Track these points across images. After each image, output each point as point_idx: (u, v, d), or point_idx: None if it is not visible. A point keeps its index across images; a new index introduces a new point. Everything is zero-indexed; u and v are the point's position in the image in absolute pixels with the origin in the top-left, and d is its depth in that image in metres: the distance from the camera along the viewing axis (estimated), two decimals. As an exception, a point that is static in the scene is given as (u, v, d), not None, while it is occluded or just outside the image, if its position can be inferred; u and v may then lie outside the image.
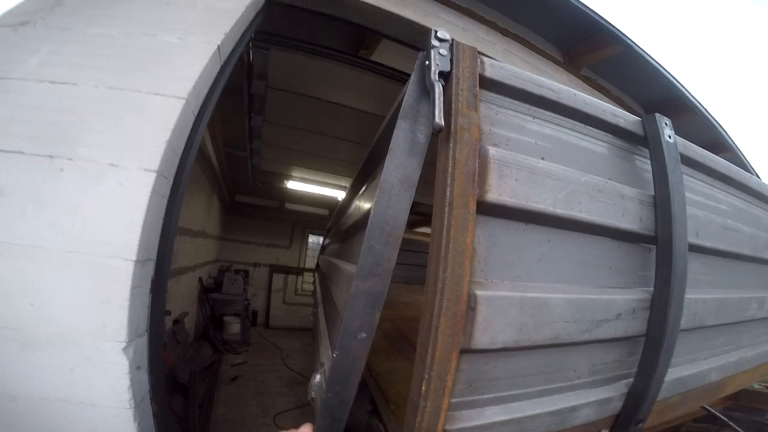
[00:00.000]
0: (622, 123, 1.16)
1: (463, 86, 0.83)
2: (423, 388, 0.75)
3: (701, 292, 1.26)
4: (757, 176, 3.08)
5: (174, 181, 1.33)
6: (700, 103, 2.44)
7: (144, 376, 1.27)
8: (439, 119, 0.76)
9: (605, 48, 2.08)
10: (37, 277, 1.11)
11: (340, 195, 6.13)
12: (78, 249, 1.12)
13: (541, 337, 0.94)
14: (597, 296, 1.06)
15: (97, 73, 1.24)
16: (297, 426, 0.81)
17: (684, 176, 1.20)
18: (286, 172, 5.81)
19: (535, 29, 2.13)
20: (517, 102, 0.98)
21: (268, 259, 8.14)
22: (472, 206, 0.77)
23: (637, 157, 1.25)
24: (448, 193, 0.75)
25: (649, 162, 1.24)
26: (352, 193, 2.47)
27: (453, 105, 0.80)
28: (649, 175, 1.21)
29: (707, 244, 1.33)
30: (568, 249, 1.02)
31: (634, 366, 1.19)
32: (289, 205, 7.52)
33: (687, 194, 1.19)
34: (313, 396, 1.22)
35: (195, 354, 4.79)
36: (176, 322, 4.23)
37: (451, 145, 0.78)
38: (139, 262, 1.16)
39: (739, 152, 3.31)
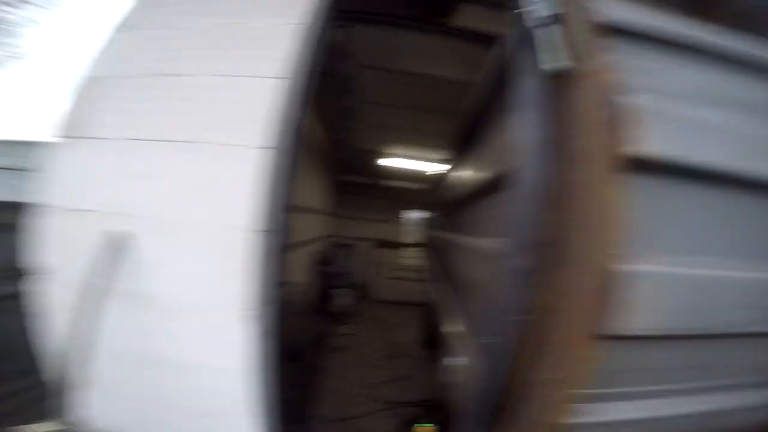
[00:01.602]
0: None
1: (577, 30, 0.67)
2: (545, 375, 0.66)
3: None
4: None
5: (287, 155, 1.39)
6: None
7: (267, 344, 1.36)
8: (557, 63, 0.63)
9: None
10: (178, 250, 1.29)
11: (439, 168, 6.00)
12: (211, 221, 1.27)
13: (701, 324, 0.75)
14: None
15: (204, 64, 1.38)
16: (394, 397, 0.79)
17: None
18: (382, 149, 5.88)
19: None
20: (652, 45, 0.76)
21: (372, 233, 8.48)
22: (616, 161, 0.63)
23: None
24: (580, 147, 0.63)
25: None
26: (456, 163, 2.35)
27: (571, 48, 0.66)
28: None
29: None
30: (738, 216, 0.78)
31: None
32: (387, 182, 7.66)
33: None
34: (450, 379, 1.22)
35: (307, 323, 5.19)
36: (291, 292, 4.67)
37: (578, 92, 0.64)
38: (264, 232, 1.27)
39: None
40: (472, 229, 1.41)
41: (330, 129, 4.84)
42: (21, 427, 1.36)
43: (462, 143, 1.99)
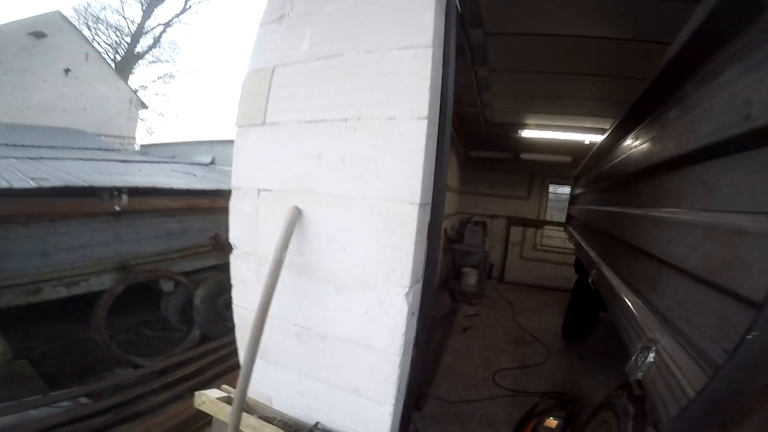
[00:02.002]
0: None
1: None
2: None
3: None
4: None
5: (439, 126, 1.38)
6: None
7: (414, 323, 1.36)
8: None
9: None
10: (347, 224, 1.36)
11: (590, 137, 5.22)
12: (374, 196, 1.31)
13: None
14: None
15: (352, 42, 1.41)
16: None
17: None
18: (520, 120, 5.41)
19: None
20: None
21: (505, 210, 8.03)
22: None
23: None
24: None
25: None
26: (633, 127, 1.99)
27: None
28: None
29: None
30: None
31: None
32: (524, 155, 7.04)
33: None
34: (639, 377, 1.11)
35: (437, 301, 5.28)
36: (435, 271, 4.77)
37: None
38: (422, 206, 1.27)
39: None
40: (693, 200, 1.19)
41: (463, 105, 4.70)
42: (200, 392, 1.61)
43: (641, 108, 1.68)
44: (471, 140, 6.78)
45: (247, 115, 1.64)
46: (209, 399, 1.57)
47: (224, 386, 1.71)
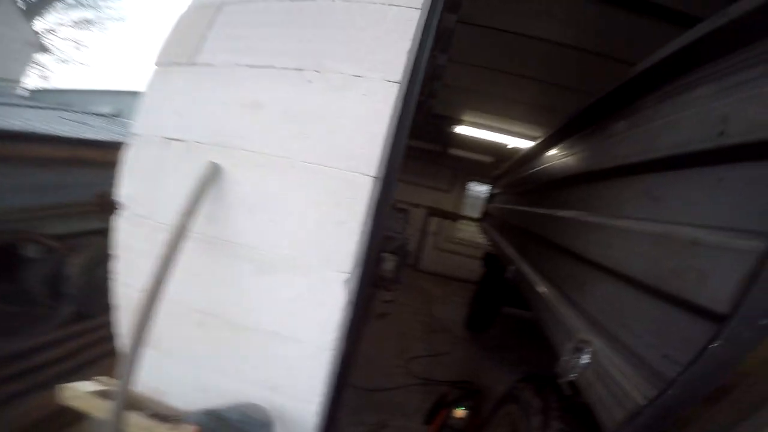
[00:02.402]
0: None
1: None
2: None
3: None
4: None
5: (407, 95, 1.23)
6: None
7: (350, 313, 1.20)
8: None
9: None
10: (281, 191, 1.14)
11: (515, 141, 5.56)
12: (320, 161, 1.12)
13: None
14: None
15: None
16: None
17: None
18: (458, 116, 5.52)
19: None
20: None
21: (427, 201, 8.31)
22: None
23: None
24: None
25: None
26: (573, 134, 2.06)
27: None
28: None
29: None
30: None
31: None
32: (453, 150, 7.30)
33: None
34: (574, 378, 1.09)
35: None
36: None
37: None
38: (376, 180, 1.11)
39: None
40: (636, 209, 1.21)
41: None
42: (69, 385, 1.26)
43: (596, 115, 1.72)
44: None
45: (172, 53, 1.32)
46: (78, 393, 1.22)
47: (99, 378, 1.34)
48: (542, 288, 1.76)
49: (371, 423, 2.67)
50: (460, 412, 2.42)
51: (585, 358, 1.07)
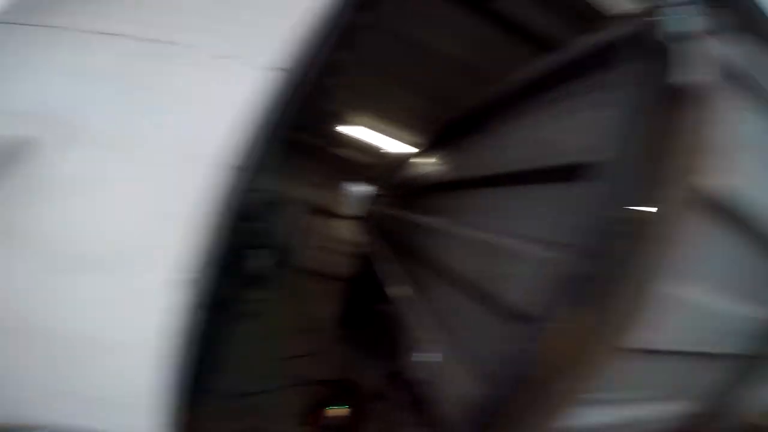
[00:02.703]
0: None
1: (701, 53, 0.68)
2: (576, 375, 0.68)
3: None
4: None
5: (289, 81, 1.11)
6: None
7: (196, 315, 1.06)
8: (684, 83, 0.63)
9: None
10: (106, 174, 0.95)
11: (399, 146, 5.96)
12: (162, 144, 0.97)
13: (686, 343, 0.85)
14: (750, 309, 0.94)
15: None
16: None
17: None
18: (345, 114, 5.64)
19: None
20: (737, 82, 0.81)
21: (307, 197, 8.17)
22: (697, 193, 0.65)
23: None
24: (675, 173, 0.63)
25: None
26: (445, 145, 2.30)
27: (694, 71, 0.66)
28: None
29: None
30: (749, 257, 0.89)
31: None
32: (341, 149, 7.41)
33: None
34: (418, 375, 1.17)
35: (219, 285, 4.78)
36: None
37: (689, 114, 0.64)
38: (238, 170, 1.01)
39: None
40: (484, 222, 1.39)
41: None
42: None
43: (465, 127, 1.96)
44: (296, 121, 6.55)
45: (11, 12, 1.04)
46: None
47: None
48: (403, 290, 1.86)
49: (245, 429, 2.51)
50: (337, 411, 2.45)
51: (431, 357, 1.14)
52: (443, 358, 1.11)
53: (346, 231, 8.38)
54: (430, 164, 2.58)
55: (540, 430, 0.75)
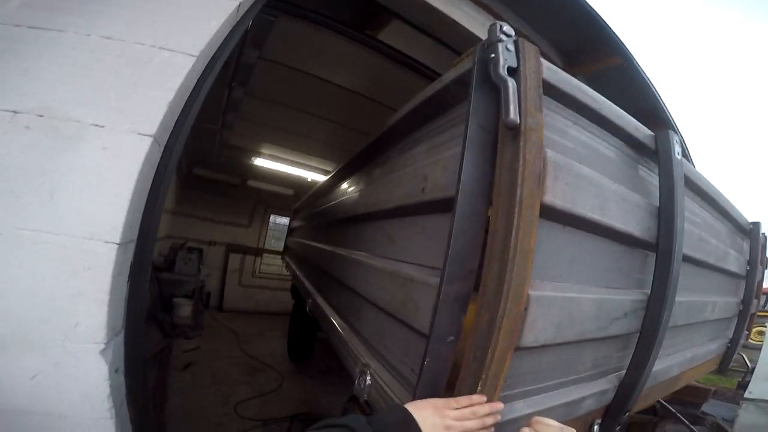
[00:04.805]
0: (640, 136, 1.23)
1: (530, 85, 0.82)
2: (479, 388, 0.75)
3: (679, 296, 1.37)
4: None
5: (166, 148, 1.16)
6: (676, 124, 2.64)
7: (121, 379, 1.11)
8: (515, 116, 0.75)
9: (606, 59, 2.16)
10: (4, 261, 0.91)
11: (313, 176, 5.95)
12: (45, 228, 0.93)
13: (571, 334, 0.99)
14: (611, 296, 1.13)
15: (93, 21, 1.07)
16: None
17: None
18: (256, 148, 5.50)
19: (542, 33, 2.16)
20: (563, 107, 1.00)
21: (225, 237, 7.72)
22: (537, 208, 0.78)
23: (643, 168, 1.32)
24: (518, 194, 0.75)
25: (650, 173, 1.33)
26: (347, 177, 2.36)
27: (522, 104, 0.80)
28: (652, 186, 1.30)
29: (689, 252, 1.46)
30: (593, 252, 1.08)
31: (625, 360, 1.30)
32: (252, 182, 7.13)
33: (678, 206, 1.25)
34: (366, 398, 1.16)
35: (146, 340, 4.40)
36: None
37: (521, 144, 0.77)
38: (122, 245, 0.99)
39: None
40: (382, 249, 1.46)
41: (200, 119, 4.29)
42: None
43: (363, 159, 2.04)
44: (199, 156, 6.20)
45: None
46: None
47: None
48: (334, 319, 1.87)
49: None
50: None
51: (368, 380, 1.17)
52: (378, 379, 1.13)
53: (275, 265, 8.09)
54: (335, 194, 2.63)
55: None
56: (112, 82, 1.03)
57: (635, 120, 1.23)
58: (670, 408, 2.11)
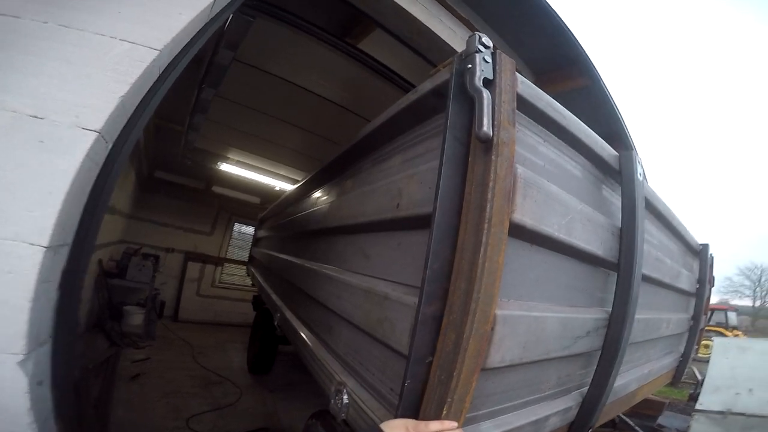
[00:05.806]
0: (605, 155, 1.25)
1: (504, 98, 0.81)
2: (444, 412, 0.71)
3: (639, 314, 1.39)
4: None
5: (114, 146, 1.07)
6: (635, 147, 2.78)
7: (46, 393, 1.01)
8: (488, 128, 0.73)
9: (577, 79, 2.26)
10: None
11: (281, 184, 5.79)
12: None
13: (537, 353, 0.97)
14: (575, 315, 1.13)
15: (52, 8, 0.98)
16: None
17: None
18: (223, 152, 5.29)
19: (517, 49, 2.22)
20: (533, 122, 1.00)
21: (184, 244, 7.33)
22: (506, 225, 0.76)
23: (606, 188, 1.35)
24: (487, 210, 0.72)
25: (612, 193, 1.36)
26: (318, 187, 2.28)
27: (495, 116, 0.78)
28: (614, 207, 1.33)
29: (647, 272, 1.51)
30: (557, 271, 1.07)
31: (587, 377, 1.30)
32: (217, 188, 6.84)
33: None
34: (344, 417, 1.09)
35: (87, 347, 4.11)
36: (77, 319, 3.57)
37: (492, 158, 0.75)
38: (51, 249, 0.90)
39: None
40: (355, 264, 1.40)
41: (166, 119, 4.08)
42: None
43: (333, 169, 1.97)
44: (161, 159, 5.89)
45: None
46: None
47: None
48: (305, 335, 1.78)
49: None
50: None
51: (345, 398, 1.12)
52: (356, 398, 1.08)
53: (237, 275, 7.76)
54: (305, 205, 2.53)
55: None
56: (63, 72, 0.95)
57: (602, 139, 1.25)
58: (629, 422, 2.17)
